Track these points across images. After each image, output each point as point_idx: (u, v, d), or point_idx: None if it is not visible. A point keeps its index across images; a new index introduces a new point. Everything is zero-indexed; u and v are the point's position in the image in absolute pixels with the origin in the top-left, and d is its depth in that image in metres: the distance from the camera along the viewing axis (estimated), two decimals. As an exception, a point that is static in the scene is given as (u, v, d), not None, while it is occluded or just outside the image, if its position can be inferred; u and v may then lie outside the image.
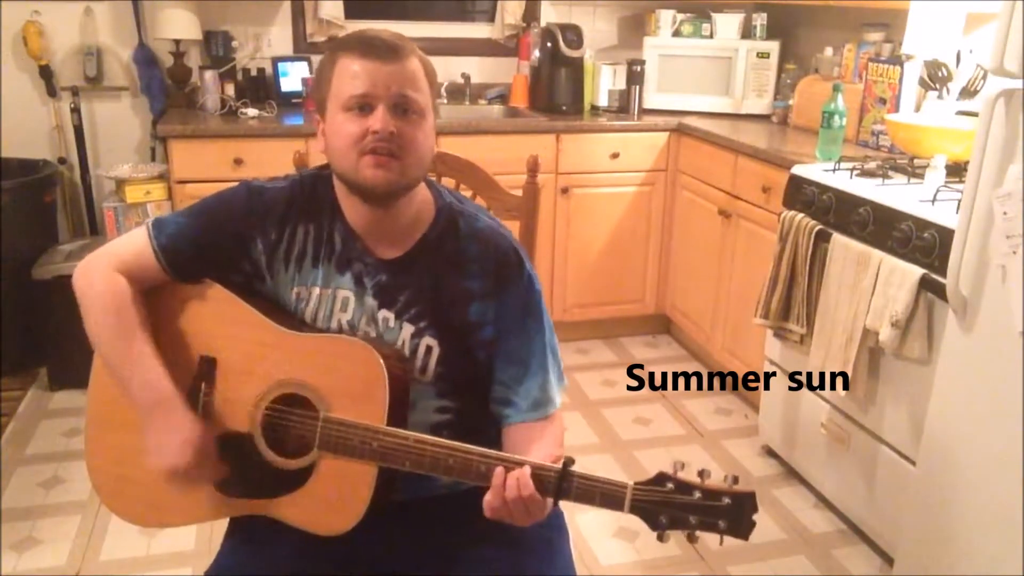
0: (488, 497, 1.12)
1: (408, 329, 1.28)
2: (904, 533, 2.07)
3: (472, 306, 1.29)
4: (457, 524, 1.30)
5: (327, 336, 1.27)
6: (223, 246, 1.28)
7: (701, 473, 1.09)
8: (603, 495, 1.10)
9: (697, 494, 1.08)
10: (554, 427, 1.30)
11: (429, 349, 1.28)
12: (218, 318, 1.27)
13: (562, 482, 1.11)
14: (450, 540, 1.32)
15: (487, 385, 1.32)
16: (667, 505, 1.08)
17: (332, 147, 1.22)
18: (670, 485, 1.09)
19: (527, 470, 1.11)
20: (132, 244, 1.29)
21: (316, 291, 1.29)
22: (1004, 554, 1.75)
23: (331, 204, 1.29)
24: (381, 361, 1.19)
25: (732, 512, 1.07)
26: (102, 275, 1.26)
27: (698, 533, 1.09)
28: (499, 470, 1.12)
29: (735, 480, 1.08)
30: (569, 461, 1.12)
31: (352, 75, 1.18)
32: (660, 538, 1.10)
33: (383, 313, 1.28)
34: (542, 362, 1.31)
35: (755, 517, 1.07)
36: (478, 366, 1.31)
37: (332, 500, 1.21)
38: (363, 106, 1.18)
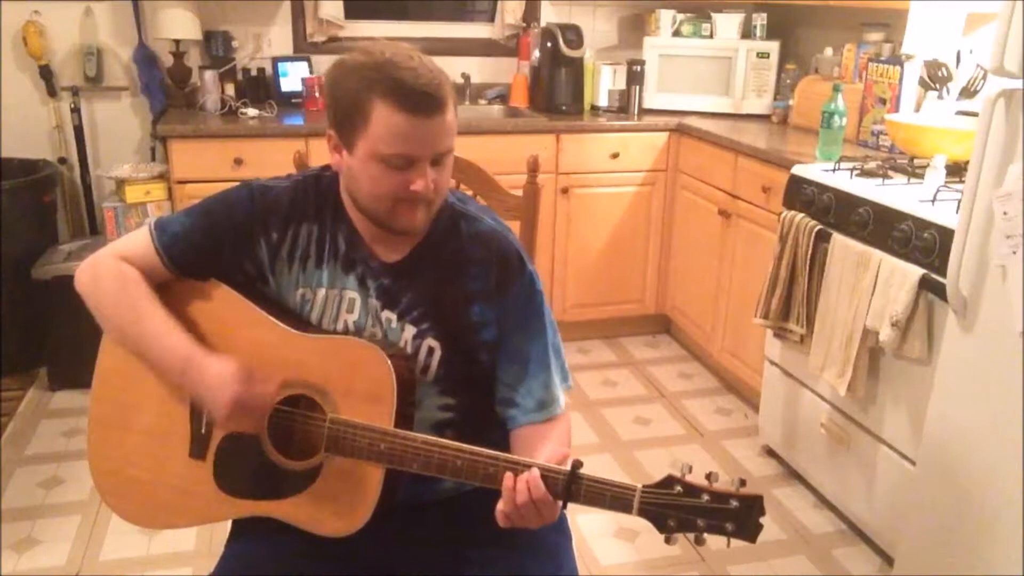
0: (500, 505, 1.12)
1: (410, 330, 1.28)
2: (904, 533, 2.06)
3: (474, 307, 1.29)
4: (462, 526, 1.31)
5: (334, 337, 1.27)
6: (225, 246, 1.27)
7: (709, 476, 1.09)
8: (612, 498, 1.10)
9: (705, 497, 1.08)
10: (561, 427, 1.30)
11: (431, 350, 1.28)
12: (224, 319, 1.27)
13: (571, 485, 1.11)
14: (454, 542, 1.32)
15: (490, 383, 1.32)
16: (675, 508, 1.08)
17: (361, 188, 1.20)
18: (678, 488, 1.09)
19: (536, 472, 1.11)
20: (135, 244, 1.29)
21: (322, 292, 1.29)
22: (1004, 554, 1.75)
23: (334, 205, 1.29)
24: (389, 363, 1.18)
25: (740, 515, 1.07)
26: (108, 264, 1.27)
27: (705, 536, 1.09)
28: (508, 475, 1.12)
29: (742, 483, 1.08)
30: (577, 464, 1.12)
31: (394, 131, 1.13)
32: (668, 541, 1.10)
33: (386, 314, 1.28)
34: (544, 362, 1.31)
35: (762, 520, 1.07)
36: (480, 367, 1.31)
37: (338, 502, 1.21)
38: (405, 164, 1.16)
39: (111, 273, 1.26)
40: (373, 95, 1.13)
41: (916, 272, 2.02)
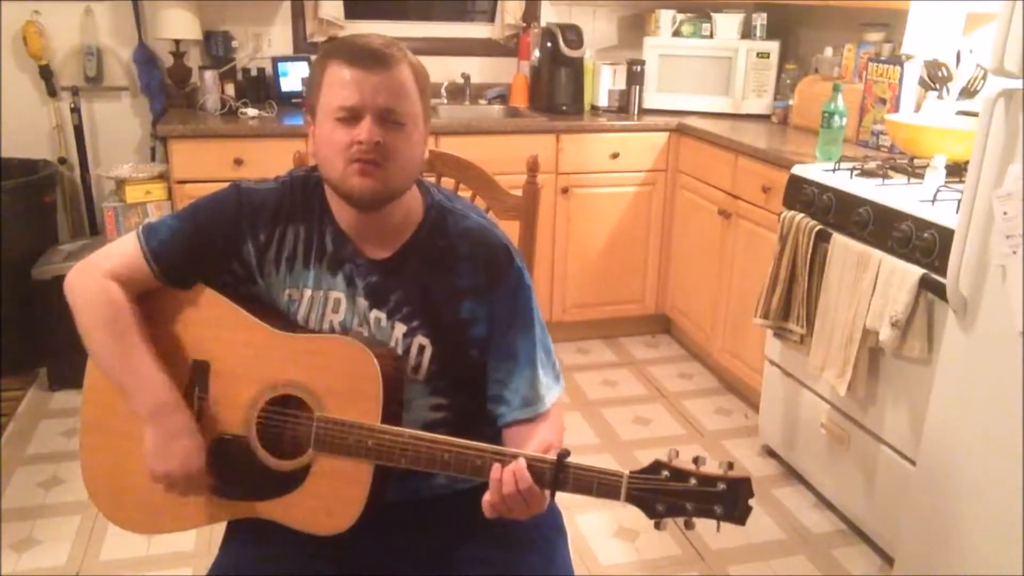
0: (487, 496, 1.13)
1: (400, 328, 1.28)
2: (904, 533, 2.07)
3: (464, 304, 1.29)
4: (455, 524, 1.31)
5: (320, 336, 1.27)
6: (214, 248, 1.28)
7: (696, 460, 1.10)
8: (600, 485, 1.11)
9: (692, 481, 1.08)
10: (550, 423, 1.30)
11: (422, 348, 1.28)
12: (210, 322, 1.27)
13: (558, 473, 1.11)
14: (448, 540, 1.32)
15: (482, 382, 1.32)
16: (663, 493, 1.09)
17: (320, 153, 1.22)
18: (665, 473, 1.09)
19: (522, 462, 1.12)
20: (123, 251, 1.28)
21: (308, 293, 1.29)
22: (1004, 554, 1.75)
23: (321, 205, 1.29)
24: (374, 360, 1.19)
25: (728, 497, 1.07)
26: (95, 282, 1.25)
27: (695, 520, 1.09)
28: (496, 466, 1.12)
29: (730, 466, 1.09)
30: (564, 453, 1.13)
31: (340, 84, 1.18)
32: (657, 526, 1.10)
33: (375, 313, 1.28)
34: (531, 358, 1.30)
35: (753, 508, 1.08)
36: (471, 364, 1.31)
37: (329, 500, 1.21)
38: (350, 116, 1.18)
39: (98, 294, 1.25)
40: (327, 62, 1.21)
41: (916, 272, 2.02)
